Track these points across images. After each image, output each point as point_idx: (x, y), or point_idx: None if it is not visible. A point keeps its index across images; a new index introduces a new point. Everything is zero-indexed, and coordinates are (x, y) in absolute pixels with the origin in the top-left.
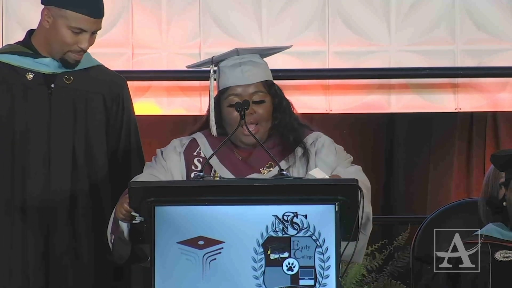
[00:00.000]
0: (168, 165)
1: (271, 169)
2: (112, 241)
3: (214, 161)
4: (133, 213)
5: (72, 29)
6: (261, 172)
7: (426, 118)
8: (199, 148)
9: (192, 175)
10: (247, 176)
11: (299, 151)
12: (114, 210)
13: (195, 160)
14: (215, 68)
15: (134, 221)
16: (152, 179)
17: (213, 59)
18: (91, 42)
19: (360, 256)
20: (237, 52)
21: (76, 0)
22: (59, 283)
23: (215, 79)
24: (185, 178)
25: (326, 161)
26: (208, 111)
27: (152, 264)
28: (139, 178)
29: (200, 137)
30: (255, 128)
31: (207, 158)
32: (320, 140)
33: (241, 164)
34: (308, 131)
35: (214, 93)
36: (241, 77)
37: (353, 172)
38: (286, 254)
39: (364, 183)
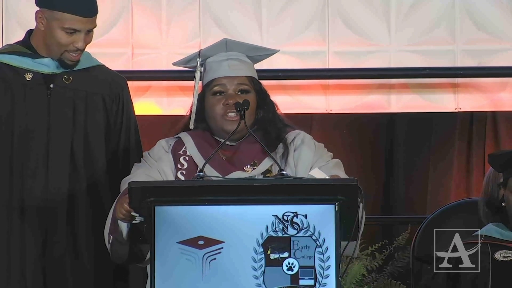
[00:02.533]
0: (159, 165)
1: (255, 167)
2: (110, 241)
3: (199, 160)
4: (133, 213)
5: (66, 30)
6: (245, 170)
7: (426, 118)
8: (184, 147)
9: (179, 173)
10: (232, 173)
11: (280, 148)
12: (112, 210)
13: (181, 159)
14: (202, 63)
15: (134, 221)
16: (148, 179)
17: (201, 52)
18: (87, 40)
19: (357, 250)
20: (225, 43)
21: (67, 1)
22: (58, 284)
23: (201, 72)
24: (174, 178)
25: (306, 155)
26: (191, 108)
27: (152, 264)
28: (133, 178)
29: (185, 136)
30: (235, 117)
31: (193, 158)
32: (299, 137)
33: (225, 163)
34: (290, 129)
35: (199, 88)
36: (227, 69)
37: (333, 166)
38: (286, 254)
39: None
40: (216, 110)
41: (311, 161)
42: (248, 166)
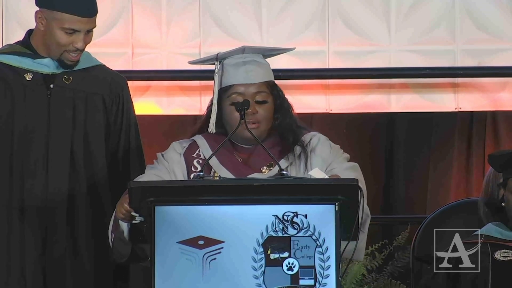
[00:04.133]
0: (170, 166)
1: (271, 168)
2: (112, 240)
3: (214, 162)
4: (133, 213)
5: (65, 30)
6: (261, 172)
7: (426, 118)
8: (198, 149)
9: (192, 176)
10: (247, 176)
11: (297, 149)
12: (115, 209)
13: (195, 162)
14: (219, 66)
15: (134, 221)
16: (157, 179)
17: (218, 55)
18: (87, 40)
19: (361, 253)
20: (244, 50)
21: (66, 2)
22: (58, 284)
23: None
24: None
25: (321, 156)
26: (207, 110)
27: (152, 264)
28: (142, 178)
29: (199, 139)
30: (254, 125)
31: (207, 159)
32: (315, 138)
33: (241, 165)
34: (305, 131)
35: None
36: (245, 76)
37: (348, 168)
38: (286, 254)
39: (360, 179)
40: (234, 118)
41: (326, 162)
42: (265, 168)
